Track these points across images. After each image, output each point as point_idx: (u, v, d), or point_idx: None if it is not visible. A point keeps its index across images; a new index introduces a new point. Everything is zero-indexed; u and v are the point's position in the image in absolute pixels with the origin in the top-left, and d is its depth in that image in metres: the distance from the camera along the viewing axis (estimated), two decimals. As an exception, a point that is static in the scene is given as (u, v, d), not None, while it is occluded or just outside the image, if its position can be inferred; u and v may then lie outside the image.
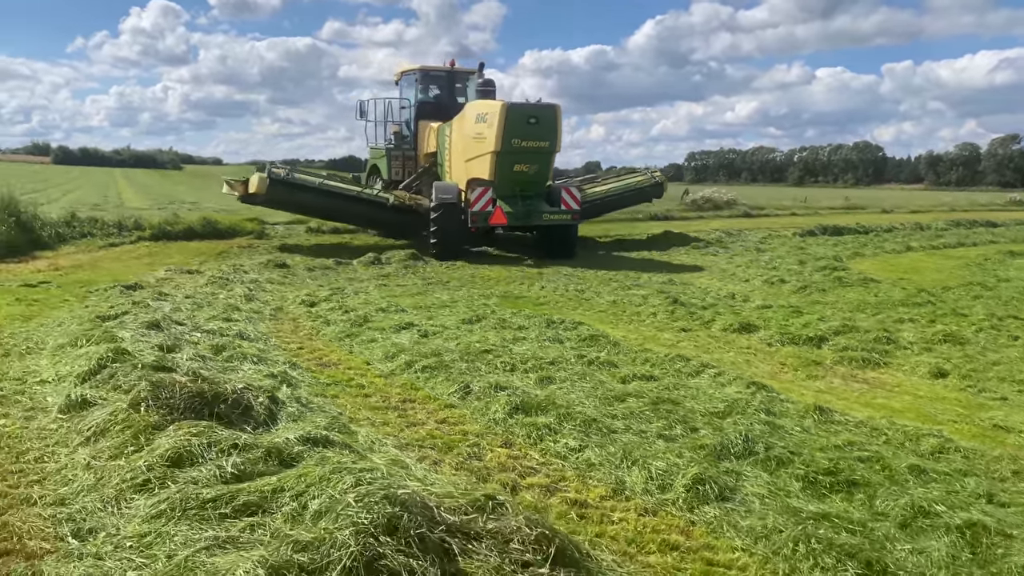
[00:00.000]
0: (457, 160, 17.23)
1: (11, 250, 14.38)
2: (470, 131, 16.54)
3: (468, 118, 16.74)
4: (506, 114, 15.54)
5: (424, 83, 19.55)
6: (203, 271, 13.01)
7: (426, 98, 19.47)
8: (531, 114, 15.90)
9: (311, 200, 17.21)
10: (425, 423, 5.62)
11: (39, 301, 9.94)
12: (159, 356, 5.99)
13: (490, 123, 15.79)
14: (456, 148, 17.25)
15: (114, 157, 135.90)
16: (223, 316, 8.70)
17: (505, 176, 16.06)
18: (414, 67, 19.63)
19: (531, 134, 15.90)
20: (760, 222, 26.85)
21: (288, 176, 16.68)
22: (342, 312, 9.63)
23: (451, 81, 19.78)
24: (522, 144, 15.84)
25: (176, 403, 4.70)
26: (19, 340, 7.65)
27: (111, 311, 8.24)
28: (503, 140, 15.61)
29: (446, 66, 19.76)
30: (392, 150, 19.50)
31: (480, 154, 16.21)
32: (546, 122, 16.02)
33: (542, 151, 16.33)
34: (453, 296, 11.38)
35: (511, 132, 15.63)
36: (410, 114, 19.57)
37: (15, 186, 19.33)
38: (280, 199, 17.10)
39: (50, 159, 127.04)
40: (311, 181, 17.05)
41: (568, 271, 14.54)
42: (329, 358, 7.57)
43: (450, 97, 19.59)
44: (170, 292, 10.35)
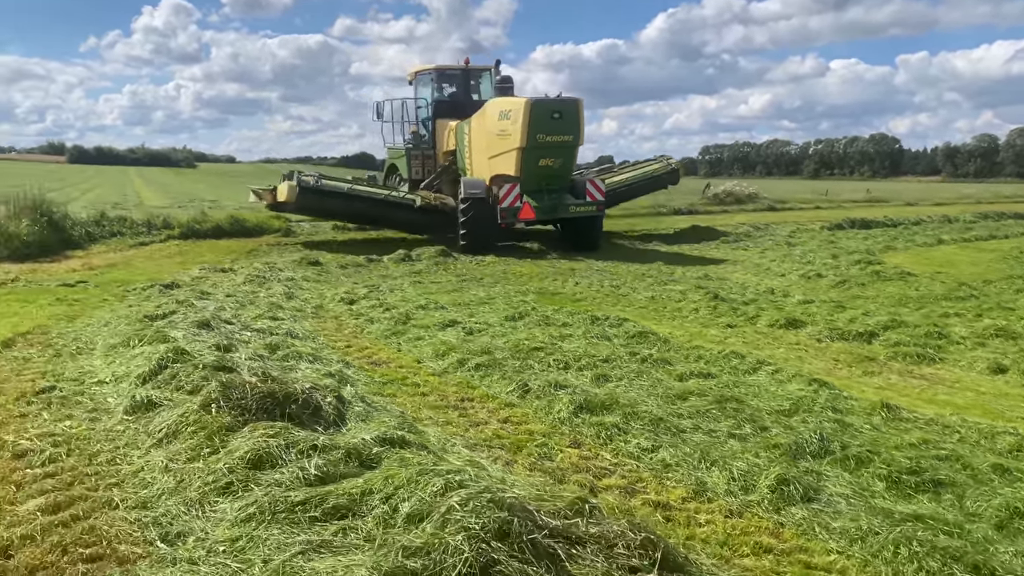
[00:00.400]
0: (478, 157, 17.31)
1: (43, 250, 14.44)
2: (493, 128, 16.60)
3: (490, 115, 16.82)
4: (530, 110, 15.62)
5: (440, 82, 19.69)
6: (236, 269, 13.01)
7: (442, 97, 19.61)
8: (555, 109, 16.00)
9: (340, 206, 17.35)
10: (488, 422, 5.56)
11: (79, 301, 9.94)
12: (218, 356, 5.94)
13: (514, 120, 15.88)
14: (477, 145, 17.33)
15: (128, 156, 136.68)
16: (268, 315, 8.67)
17: (531, 171, 16.17)
18: (429, 67, 19.79)
19: (555, 129, 16.00)
20: (785, 216, 26.63)
21: (317, 183, 16.79)
22: (383, 310, 9.59)
23: (466, 79, 19.92)
24: (547, 139, 15.94)
25: (248, 404, 4.66)
26: (68, 340, 7.64)
27: (158, 311, 8.22)
28: (528, 136, 15.69)
29: (461, 64, 19.93)
30: (411, 150, 19.65)
31: (505, 151, 16.30)
32: (569, 116, 16.13)
33: (566, 145, 16.45)
34: (489, 293, 11.32)
35: (536, 128, 15.71)
36: (427, 113, 19.74)
37: (34, 186, 19.39)
38: (309, 206, 17.34)
39: (65, 158, 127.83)
40: (339, 187, 17.14)
41: (600, 266, 14.46)
42: (379, 356, 7.53)
43: (466, 95, 19.71)
44: (210, 291, 10.33)
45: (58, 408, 5.50)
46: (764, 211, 28.55)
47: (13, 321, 8.46)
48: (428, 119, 19.74)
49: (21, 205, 15.19)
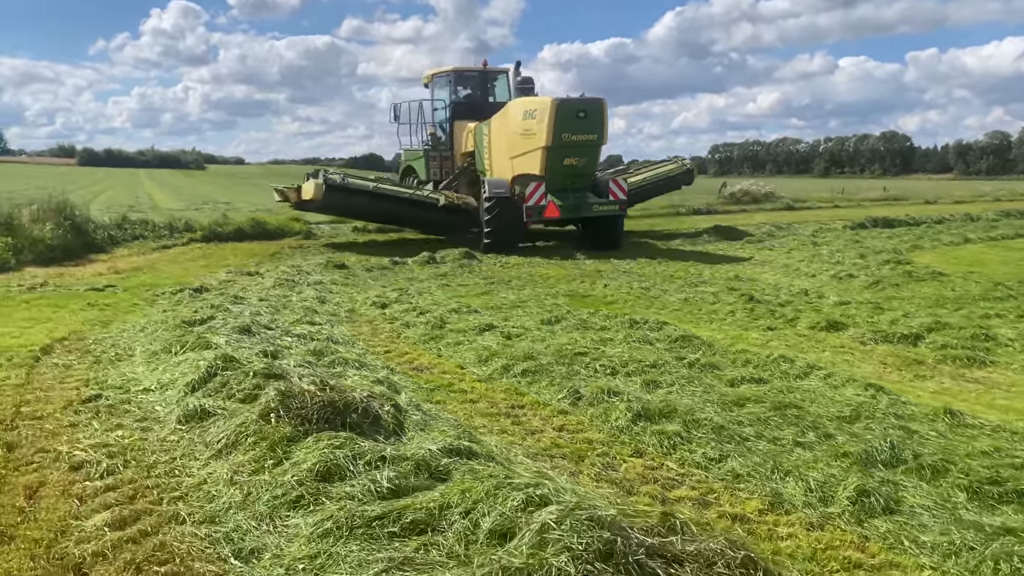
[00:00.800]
0: (499, 157, 17.40)
1: (67, 253, 14.40)
2: (516, 128, 16.70)
3: (513, 115, 16.93)
4: (556, 109, 15.75)
5: (457, 84, 19.80)
6: (263, 273, 12.94)
7: (459, 99, 19.70)
8: (580, 108, 16.14)
9: (364, 204, 17.45)
10: (543, 431, 5.45)
11: (110, 305, 9.88)
12: (267, 363, 5.84)
13: (539, 119, 15.98)
14: (498, 146, 17.44)
15: (138, 158, 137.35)
16: (306, 320, 8.58)
17: (555, 170, 16.28)
18: (447, 69, 19.90)
19: (580, 128, 16.13)
20: (804, 215, 26.47)
21: (343, 182, 16.90)
22: (416, 314, 9.49)
23: (484, 81, 20.09)
24: (572, 138, 16.06)
25: (308, 413, 4.55)
26: (106, 346, 7.57)
27: (195, 316, 8.13)
28: (554, 135, 15.81)
29: (479, 66, 20.14)
30: (429, 151, 19.77)
31: (529, 150, 16.39)
32: (594, 115, 16.29)
33: (591, 144, 16.61)
34: (520, 296, 11.21)
35: (561, 127, 15.83)
36: (444, 115, 19.82)
37: (55, 188, 19.39)
38: (335, 204, 17.45)
39: (76, 161, 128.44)
40: (365, 186, 17.28)
41: (627, 267, 14.33)
42: (420, 361, 7.42)
43: (483, 97, 19.92)
44: (242, 295, 10.25)
45: (107, 417, 5.42)
46: (782, 210, 28.38)
47: (48, 327, 8.39)
48: (446, 121, 19.84)
49: (44, 208, 15.15)
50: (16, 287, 10.82)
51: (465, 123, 19.12)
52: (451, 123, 19.60)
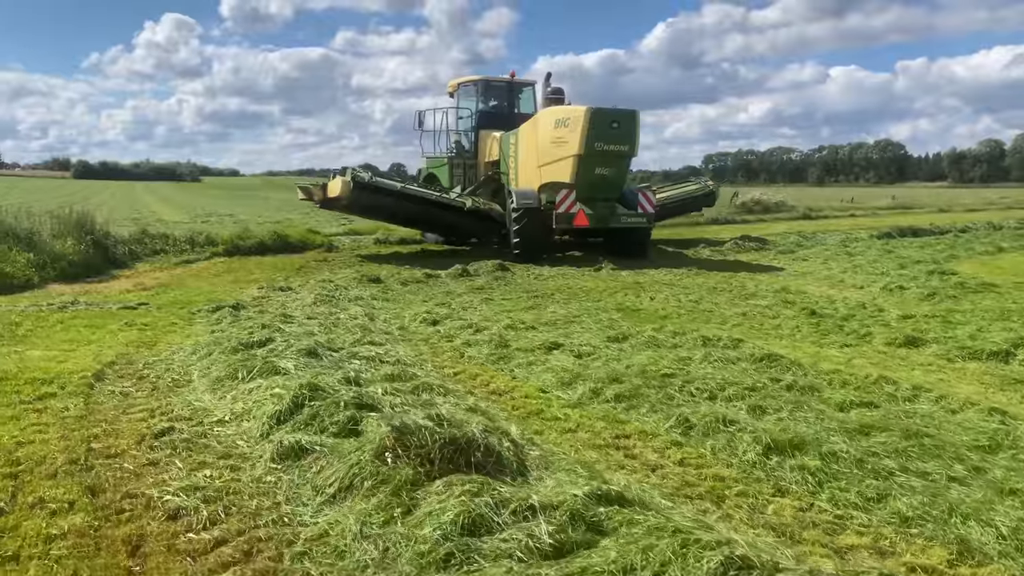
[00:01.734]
0: (526, 166, 17.53)
1: (89, 269, 13.93)
2: (547, 136, 16.80)
3: (544, 124, 17.05)
4: (590, 118, 15.86)
5: (485, 94, 20.00)
6: (295, 288, 12.51)
7: (486, 108, 19.87)
8: (614, 118, 16.26)
9: (391, 204, 17.23)
10: (663, 465, 5.00)
11: (149, 325, 9.41)
12: (357, 392, 5.39)
13: (572, 127, 16.10)
14: (525, 155, 17.58)
15: (134, 170, 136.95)
16: (366, 340, 8.11)
17: (585, 179, 16.34)
18: (475, 78, 20.18)
19: (613, 138, 16.25)
20: (823, 224, 26.17)
21: (371, 180, 16.70)
22: (472, 331, 9.05)
23: (510, 92, 20.32)
24: (604, 148, 16.18)
25: (429, 453, 4.11)
26: (159, 371, 7.10)
27: (251, 337, 7.66)
28: (587, 144, 15.92)
29: (506, 77, 20.36)
30: (454, 159, 19.90)
31: (560, 158, 16.51)
32: (627, 126, 16.45)
33: (622, 155, 16.78)
34: (569, 310, 10.78)
35: (594, 136, 15.94)
36: (470, 123, 19.97)
37: (44, 201, 18.93)
38: (361, 203, 17.10)
39: (71, 173, 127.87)
40: (393, 185, 17.16)
41: (666, 279, 13.93)
42: (495, 385, 6.97)
43: (509, 107, 20.18)
44: (288, 313, 9.78)
45: (187, 454, 4.96)
46: (799, 219, 28.12)
47: (91, 349, 7.92)
48: (471, 129, 19.96)
49: (65, 223, 14.68)
50: (46, 306, 10.33)
51: (490, 132, 19.25)
52: (476, 132, 19.70)
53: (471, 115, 19.93)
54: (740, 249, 18.55)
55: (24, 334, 8.63)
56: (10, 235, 13.23)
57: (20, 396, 6.10)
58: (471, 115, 19.93)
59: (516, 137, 17.96)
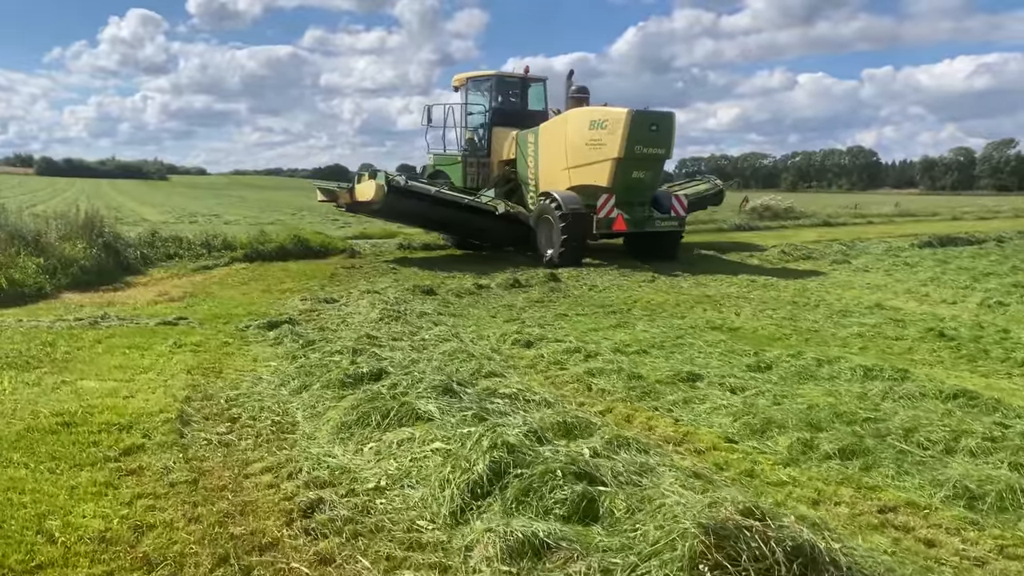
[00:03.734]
0: (551, 167, 16.98)
1: (101, 276, 12.51)
2: (580, 138, 16.24)
3: (575, 125, 16.48)
4: (631, 121, 15.41)
5: (499, 90, 19.10)
6: (341, 300, 11.26)
7: (499, 105, 19.03)
8: (653, 121, 15.88)
9: (423, 209, 16.58)
10: (986, 560, 3.86)
11: (201, 346, 8.09)
12: (569, 455, 4.17)
13: (611, 130, 15.61)
14: (550, 155, 17.01)
15: (99, 168, 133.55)
16: (485, 370, 6.86)
17: (622, 183, 15.94)
18: (488, 73, 19.37)
19: (651, 141, 15.87)
20: (846, 231, 25.36)
21: (407, 184, 16.17)
22: (582, 356, 7.87)
23: (524, 88, 19.53)
24: (643, 151, 15.77)
25: (770, 569, 2.91)
26: (251, 411, 5.83)
27: (356, 367, 6.37)
28: (626, 147, 15.45)
29: (520, 73, 19.64)
30: (467, 156, 19.03)
31: (596, 160, 15.98)
32: (664, 129, 16.12)
33: (659, 158, 16.43)
34: (664, 330, 9.64)
35: (634, 139, 15.49)
36: (482, 120, 19.18)
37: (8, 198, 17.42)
38: (392, 207, 16.40)
39: (33, 170, 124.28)
40: (427, 189, 16.52)
41: (732, 291, 12.90)
42: (663, 431, 5.78)
43: (522, 104, 19.43)
44: (373, 334, 8.48)
45: (362, 543, 3.72)
46: (820, 226, 27.30)
47: (153, 379, 6.60)
48: (482, 126, 19.15)
49: (72, 224, 13.22)
50: (73, 321, 8.95)
51: (505, 130, 18.54)
52: (489, 129, 18.91)
53: (484, 111, 19.08)
54: (789, 258, 17.55)
55: (64, 358, 7.27)
56: (16, 238, 11.76)
57: (102, 450, 4.80)
58: (484, 111, 19.08)
59: (535, 136, 17.39)
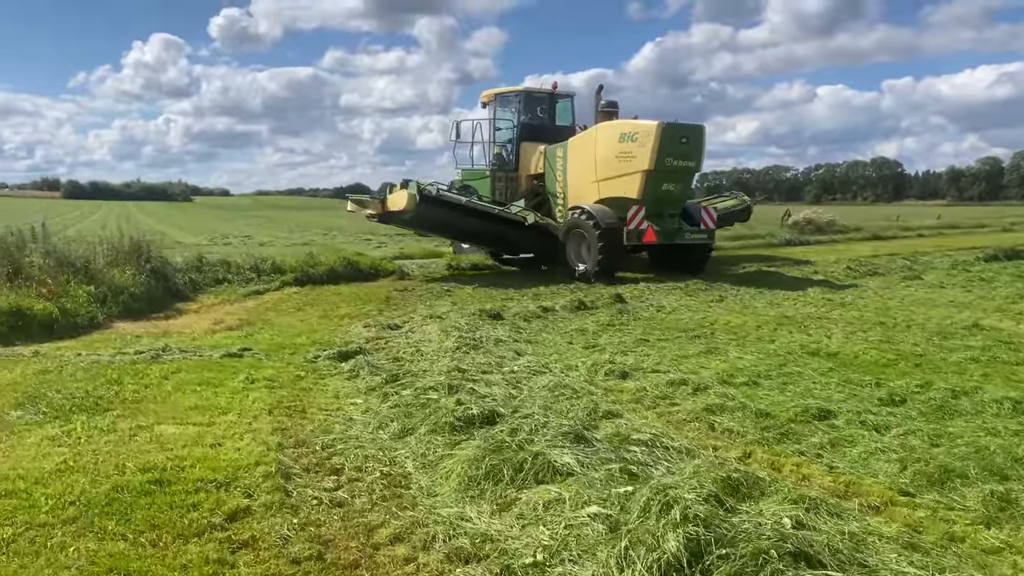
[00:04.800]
0: (580, 181, 17.28)
1: (152, 303, 11.99)
2: (610, 151, 16.50)
3: (605, 138, 16.75)
4: (661, 133, 15.63)
5: (527, 105, 19.48)
6: (405, 326, 10.70)
7: (527, 120, 19.37)
8: (683, 133, 16.15)
9: (454, 219, 16.86)
10: None
11: (274, 381, 7.49)
12: (776, 529, 3.49)
13: (642, 142, 15.85)
14: (579, 169, 17.31)
15: (124, 190, 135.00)
16: (601, 411, 6.18)
17: (653, 195, 16.13)
18: (517, 89, 19.69)
19: (681, 153, 16.13)
20: (901, 245, 24.47)
21: (438, 194, 16.43)
22: (690, 390, 7.18)
23: (552, 104, 19.89)
24: (673, 163, 16.02)
25: None
26: (353, 460, 5.21)
27: (464, 409, 5.71)
28: (657, 159, 15.69)
29: (548, 89, 19.99)
30: (496, 171, 19.37)
31: (626, 173, 16.22)
32: (695, 141, 16.40)
33: (689, 170, 16.72)
34: (757, 355, 8.96)
35: (665, 151, 15.73)
36: (511, 135, 19.54)
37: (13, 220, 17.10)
38: (424, 217, 16.59)
39: (60, 193, 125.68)
40: (458, 199, 16.83)
41: (810, 312, 12.15)
42: (819, 481, 5.08)
43: (550, 119, 19.78)
44: (461, 368, 7.81)
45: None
46: (870, 239, 26.48)
47: (235, 422, 5.99)
48: (510, 141, 19.51)
49: (119, 250, 12.73)
50: (134, 354, 8.38)
51: (535, 145, 18.82)
52: (518, 144, 19.28)
53: (512, 127, 19.43)
54: (856, 274, 16.79)
55: (134, 398, 6.69)
56: (65, 264, 11.26)
57: (204, 515, 4.18)
58: (512, 127, 19.43)
59: (564, 150, 17.68)
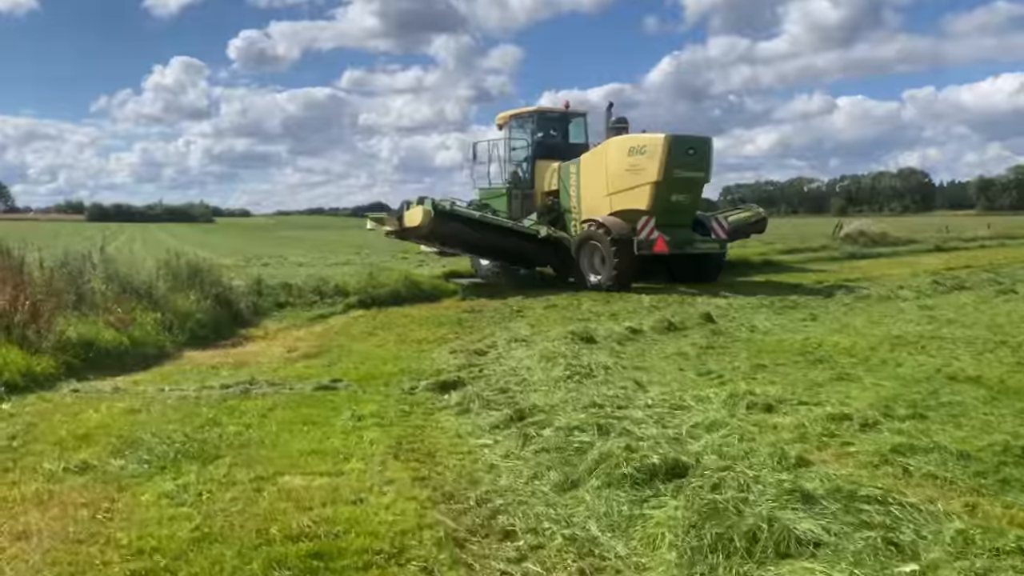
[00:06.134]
0: (592, 195, 17.72)
1: (218, 331, 11.34)
2: (620, 165, 16.93)
3: (615, 152, 17.20)
4: (669, 145, 16.09)
5: (541, 125, 20.10)
6: (490, 351, 9.97)
7: (541, 139, 19.96)
8: (690, 145, 16.62)
9: (468, 233, 17.43)
10: None
11: (381, 417, 6.78)
12: None
13: (650, 155, 16.28)
14: (591, 183, 17.78)
15: (147, 212, 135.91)
16: (791, 458, 5.34)
17: (661, 206, 16.48)
18: (530, 110, 20.36)
19: (689, 164, 16.55)
20: (970, 256, 23.55)
21: (452, 209, 17.09)
22: (857, 427, 6.32)
23: (564, 122, 20.54)
24: (682, 174, 16.42)
25: None
26: (527, 521, 4.43)
27: (640, 457, 4.93)
28: (665, 171, 16.10)
29: (560, 108, 20.69)
30: (512, 189, 19.80)
31: (635, 185, 16.64)
32: (702, 153, 16.88)
33: (697, 181, 17.19)
34: (894, 382, 8.14)
35: (673, 163, 16.15)
36: (526, 154, 20.03)
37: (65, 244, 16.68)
38: (439, 232, 17.18)
39: (84, 216, 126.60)
40: (471, 214, 17.55)
41: (915, 329, 11.29)
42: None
43: (563, 138, 20.39)
44: (596, 402, 7.02)
45: None
46: (932, 251, 25.56)
47: (360, 471, 5.25)
48: (526, 160, 19.99)
49: (178, 274, 12.10)
50: (219, 388, 7.67)
51: (549, 163, 19.30)
52: (533, 162, 19.75)
53: (527, 146, 20.00)
54: (943, 288, 15.90)
55: (239, 441, 5.96)
56: (128, 290, 10.62)
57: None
58: (527, 146, 20.00)
59: (577, 167, 18.18)
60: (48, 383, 7.75)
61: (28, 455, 5.57)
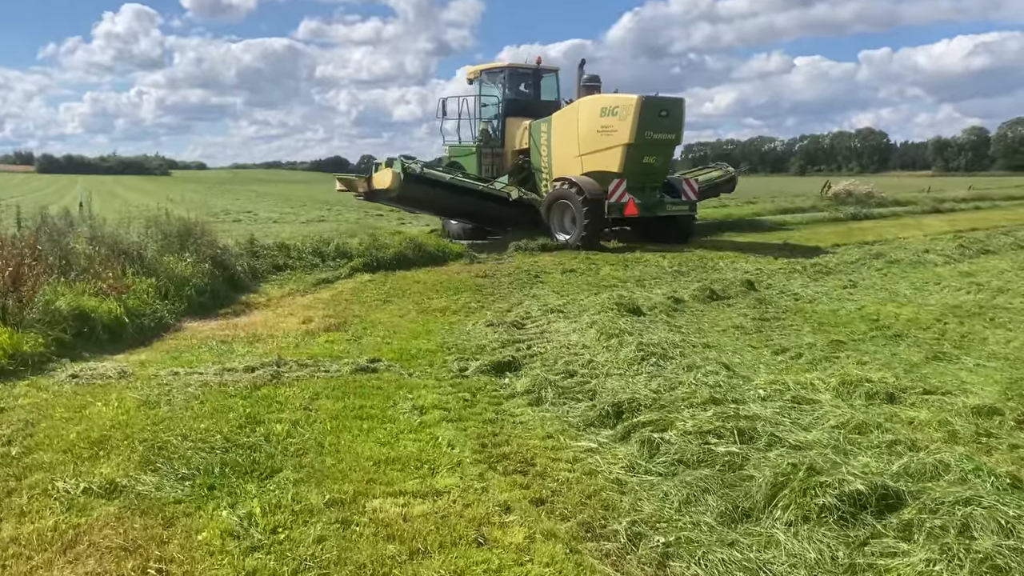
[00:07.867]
0: (563, 155, 17.33)
1: (216, 297, 10.14)
2: (592, 125, 16.60)
3: (587, 112, 16.82)
4: (641, 107, 15.77)
5: (512, 81, 19.39)
6: (527, 322, 9.01)
7: (512, 96, 19.30)
8: (663, 107, 16.36)
9: (439, 196, 17.04)
10: None
11: (448, 410, 5.72)
12: None
13: (622, 116, 15.97)
14: (562, 143, 17.37)
15: (100, 164, 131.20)
16: (1001, 477, 4.42)
17: (633, 168, 16.26)
18: (501, 64, 19.54)
19: (661, 126, 16.27)
20: (971, 219, 23.02)
21: (422, 172, 16.58)
22: (1014, 425, 5.47)
23: (536, 79, 19.83)
24: (654, 136, 16.14)
25: None
26: (704, 565, 3.44)
27: (837, 483, 3.95)
28: (637, 132, 15.82)
29: (532, 64, 19.80)
30: (482, 147, 19.18)
31: (607, 147, 16.33)
32: (674, 115, 16.62)
33: (669, 143, 17.03)
34: (1003, 364, 7.35)
35: (645, 125, 15.87)
36: (496, 111, 19.38)
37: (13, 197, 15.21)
38: (409, 195, 16.81)
39: (34, 167, 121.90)
40: (442, 177, 17.00)
41: (964, 299, 10.55)
42: None
43: (534, 95, 19.72)
44: (715, 396, 6.04)
45: None
46: (931, 213, 25.02)
47: (463, 487, 4.26)
48: (496, 117, 19.36)
49: (168, 233, 10.80)
50: (243, 371, 6.53)
51: (518, 120, 18.78)
52: (503, 119, 19.16)
53: (498, 103, 19.30)
54: (970, 252, 15.25)
55: (293, 447, 4.88)
56: (116, 252, 9.32)
57: None
58: (498, 103, 19.30)
59: (548, 125, 17.72)
60: (38, 365, 6.53)
61: (34, 469, 4.43)
